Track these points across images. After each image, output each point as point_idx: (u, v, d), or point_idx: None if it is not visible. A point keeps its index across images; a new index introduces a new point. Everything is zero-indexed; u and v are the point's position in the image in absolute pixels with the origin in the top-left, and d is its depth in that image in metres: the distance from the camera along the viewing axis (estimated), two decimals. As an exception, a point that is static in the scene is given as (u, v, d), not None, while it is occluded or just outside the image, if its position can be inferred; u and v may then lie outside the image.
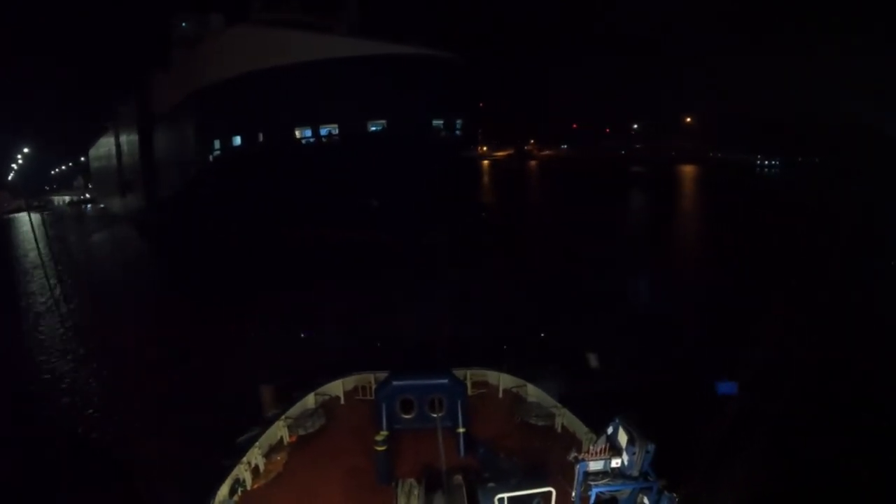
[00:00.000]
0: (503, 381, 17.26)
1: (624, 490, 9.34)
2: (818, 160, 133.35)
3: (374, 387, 16.32)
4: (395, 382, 14.70)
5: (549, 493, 9.88)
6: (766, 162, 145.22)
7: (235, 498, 12.40)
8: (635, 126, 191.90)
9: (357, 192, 53.00)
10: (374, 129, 54.93)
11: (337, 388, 17.20)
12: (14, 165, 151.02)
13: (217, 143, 65.05)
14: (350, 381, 17.44)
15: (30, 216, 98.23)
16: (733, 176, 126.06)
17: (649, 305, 34.66)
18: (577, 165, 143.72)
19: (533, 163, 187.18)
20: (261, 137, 59.82)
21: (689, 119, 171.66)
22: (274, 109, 57.15)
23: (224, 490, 12.27)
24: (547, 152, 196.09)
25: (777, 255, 48.69)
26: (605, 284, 38.88)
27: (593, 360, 22.04)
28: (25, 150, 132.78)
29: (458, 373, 15.89)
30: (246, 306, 35.83)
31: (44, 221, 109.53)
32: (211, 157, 65.83)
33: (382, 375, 15.77)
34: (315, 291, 36.47)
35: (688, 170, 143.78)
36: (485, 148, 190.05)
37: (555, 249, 55.15)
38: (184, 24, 77.92)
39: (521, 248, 57.45)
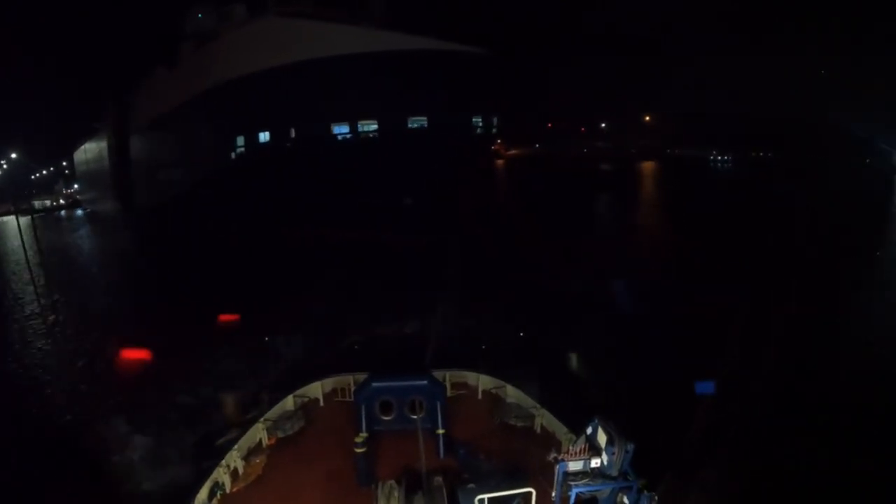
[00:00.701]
0: (482, 382, 17.26)
1: (604, 490, 9.37)
2: (770, 155, 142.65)
3: (353, 388, 16.22)
4: (374, 384, 14.62)
5: (530, 493, 9.87)
6: (720, 157, 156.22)
7: (214, 501, 12.25)
8: (603, 125, 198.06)
9: (393, 190, 51.85)
10: (414, 125, 54.29)
11: (316, 389, 17.07)
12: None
13: (241, 140, 62.72)
14: (329, 383, 17.32)
15: (18, 220, 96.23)
16: (684, 170, 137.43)
17: (622, 304, 34.73)
18: (545, 165, 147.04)
19: (500, 162, 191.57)
20: (292, 133, 58.20)
21: (647, 118, 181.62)
22: (305, 105, 55.63)
23: (203, 493, 12.11)
24: (514, 152, 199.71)
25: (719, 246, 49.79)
26: (572, 282, 38.74)
27: (573, 361, 22.16)
28: (12, 154, 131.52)
29: (438, 374, 15.85)
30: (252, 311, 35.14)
31: (34, 225, 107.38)
32: (233, 155, 63.46)
33: (361, 377, 15.65)
34: (326, 293, 35.49)
35: (647, 166, 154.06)
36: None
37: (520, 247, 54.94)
38: (199, 16, 72.05)
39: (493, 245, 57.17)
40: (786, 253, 43.21)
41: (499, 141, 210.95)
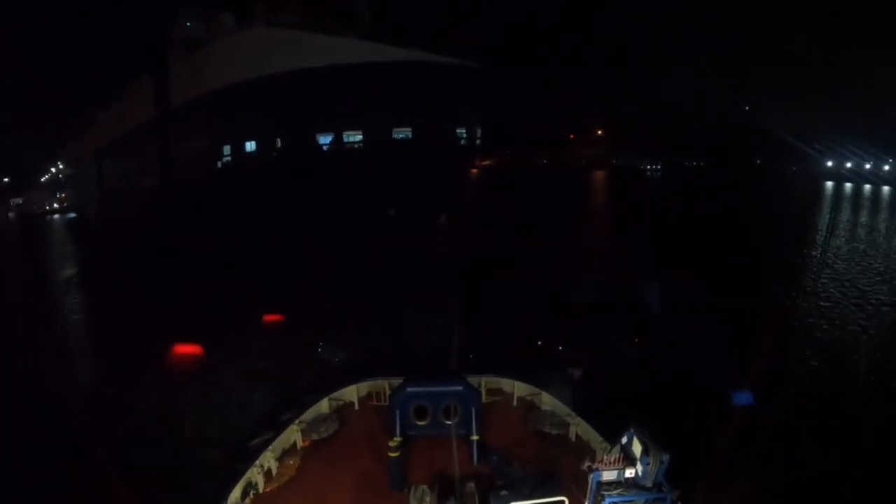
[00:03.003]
0: (517, 388, 17.19)
1: (637, 501, 9.30)
2: (695, 164, 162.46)
3: (388, 393, 16.33)
4: (409, 389, 14.71)
5: (562, 502, 9.85)
6: (650, 166, 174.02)
7: (247, 501, 12.46)
8: (571, 136, 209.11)
9: (376, 198, 52.35)
10: (399, 136, 54.77)
11: (351, 393, 17.23)
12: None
13: (227, 149, 63.26)
14: (364, 387, 17.44)
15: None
16: (625, 179, 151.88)
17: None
18: (513, 173, 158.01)
19: (474, 171, 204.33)
20: (278, 143, 58.88)
21: (600, 131, 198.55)
22: (290, 114, 56.15)
23: (236, 492, 12.34)
24: (487, 162, 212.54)
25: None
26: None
27: (577, 374, 21.86)
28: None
29: (473, 380, 15.87)
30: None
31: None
32: (220, 164, 63.97)
33: (397, 381, 15.77)
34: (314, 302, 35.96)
35: (599, 175, 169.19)
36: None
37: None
38: (188, 24, 73.15)
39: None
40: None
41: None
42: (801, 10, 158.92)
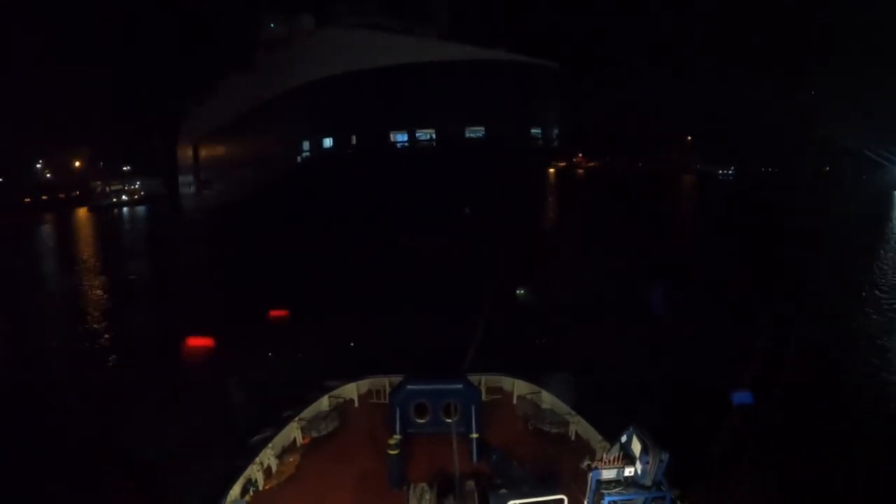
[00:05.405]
0: (518, 387, 17.19)
1: (636, 499, 9.33)
2: (768, 169, 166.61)
3: (388, 390, 16.34)
4: (409, 386, 14.72)
5: (562, 500, 9.86)
6: (722, 171, 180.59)
7: (247, 498, 12.46)
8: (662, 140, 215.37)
9: (450, 198, 52.66)
10: (471, 135, 54.81)
11: (351, 390, 17.24)
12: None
13: (306, 145, 65.00)
14: (364, 384, 17.45)
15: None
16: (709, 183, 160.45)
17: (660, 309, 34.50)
18: (611, 175, 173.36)
19: (580, 172, 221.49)
20: (353, 140, 59.72)
21: (689, 138, 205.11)
22: (369, 112, 57.06)
23: (236, 490, 12.35)
24: (592, 164, 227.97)
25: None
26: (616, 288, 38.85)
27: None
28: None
29: (473, 378, 15.87)
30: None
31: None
32: (299, 158, 65.73)
33: (397, 379, 15.76)
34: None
35: (688, 178, 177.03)
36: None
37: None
38: (272, 25, 76.95)
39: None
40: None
41: (580, 154, 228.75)
42: (874, 18, 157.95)
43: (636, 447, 9.46)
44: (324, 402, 16.60)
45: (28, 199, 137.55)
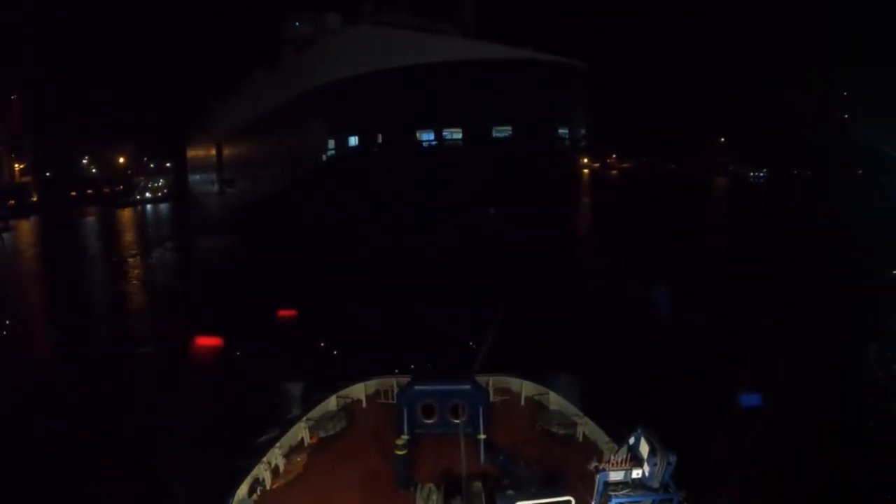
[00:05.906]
0: (525, 388, 17.16)
1: (644, 501, 9.28)
2: (796, 172, 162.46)
3: (396, 391, 16.33)
4: (417, 387, 14.71)
5: (569, 501, 9.83)
6: (754, 173, 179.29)
7: (254, 497, 12.48)
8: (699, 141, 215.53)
9: (475, 198, 52.35)
10: (498, 134, 54.77)
11: (359, 391, 17.26)
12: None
13: (331, 143, 65.11)
14: (372, 385, 17.47)
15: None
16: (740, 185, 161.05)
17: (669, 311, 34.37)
18: (644, 176, 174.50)
19: (614, 172, 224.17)
20: (379, 139, 59.81)
21: (722, 139, 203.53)
22: (395, 111, 57.04)
23: (243, 489, 12.37)
24: (626, 165, 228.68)
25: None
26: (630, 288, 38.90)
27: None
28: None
29: (481, 379, 15.86)
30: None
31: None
32: (325, 157, 65.80)
33: (405, 379, 15.79)
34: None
35: (720, 181, 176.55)
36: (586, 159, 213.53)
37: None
38: (297, 25, 76.84)
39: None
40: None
41: (613, 155, 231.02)
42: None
43: (644, 449, 9.42)
44: (331, 402, 16.62)
45: (74, 193, 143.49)
